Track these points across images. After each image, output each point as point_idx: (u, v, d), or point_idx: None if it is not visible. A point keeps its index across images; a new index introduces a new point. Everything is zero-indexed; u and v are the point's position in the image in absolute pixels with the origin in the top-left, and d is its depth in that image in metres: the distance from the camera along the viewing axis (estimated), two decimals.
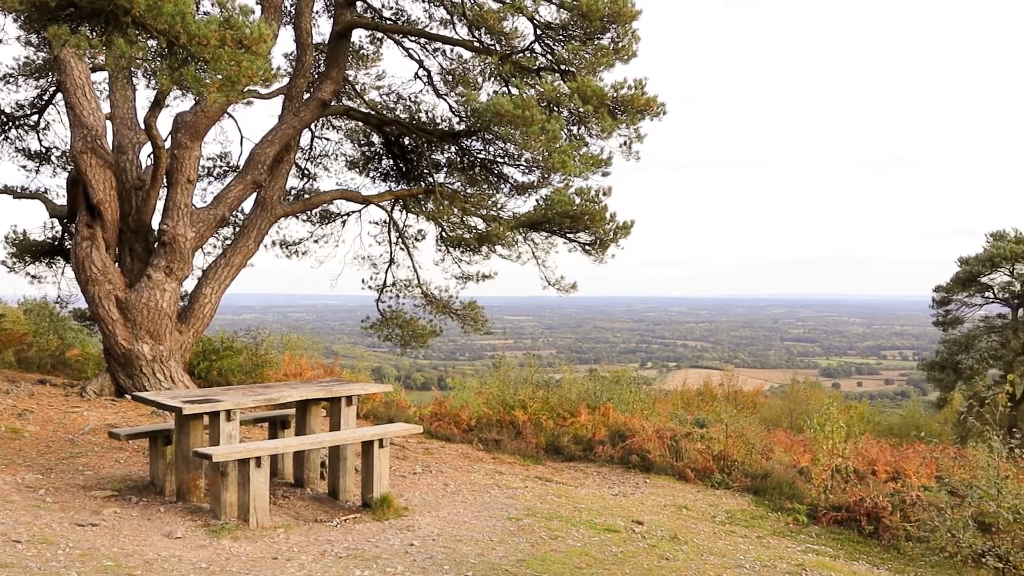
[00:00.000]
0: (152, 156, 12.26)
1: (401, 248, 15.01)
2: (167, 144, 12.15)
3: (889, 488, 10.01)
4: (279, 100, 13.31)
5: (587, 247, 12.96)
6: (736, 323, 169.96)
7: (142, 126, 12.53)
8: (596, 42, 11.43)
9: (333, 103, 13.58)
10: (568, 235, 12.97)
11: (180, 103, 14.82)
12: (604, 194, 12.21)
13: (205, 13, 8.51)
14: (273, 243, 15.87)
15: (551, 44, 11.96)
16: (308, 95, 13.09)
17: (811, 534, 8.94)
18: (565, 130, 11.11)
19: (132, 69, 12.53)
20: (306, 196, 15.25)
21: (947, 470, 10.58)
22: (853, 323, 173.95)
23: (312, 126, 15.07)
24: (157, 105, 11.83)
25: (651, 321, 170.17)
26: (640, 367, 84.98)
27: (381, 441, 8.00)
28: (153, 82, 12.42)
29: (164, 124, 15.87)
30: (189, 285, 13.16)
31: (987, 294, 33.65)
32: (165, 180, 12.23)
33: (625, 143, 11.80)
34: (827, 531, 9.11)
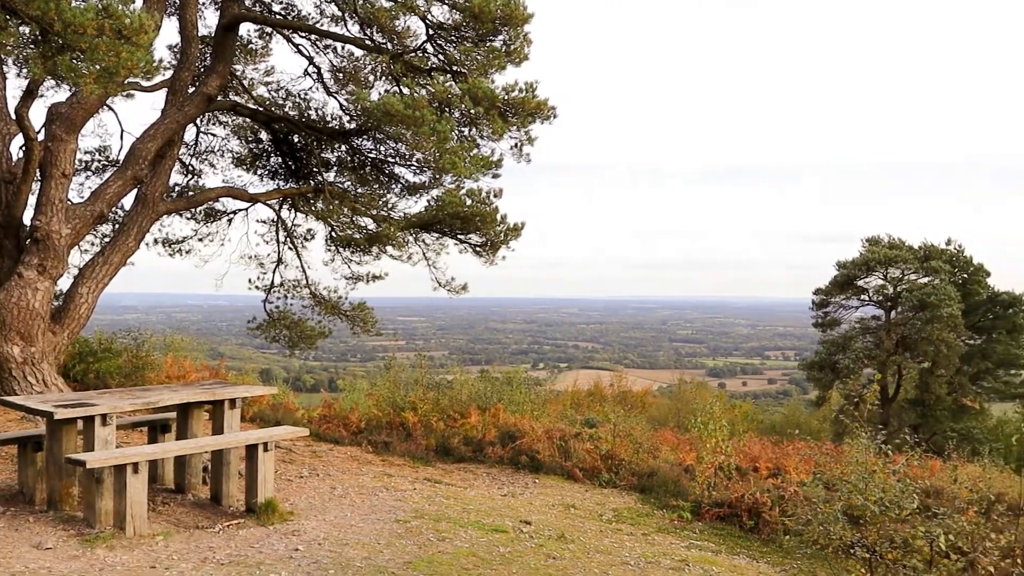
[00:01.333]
0: (24, 148, 11.69)
1: (289, 248, 14.73)
2: (40, 136, 11.61)
3: (770, 484, 10.34)
4: (162, 93, 12.87)
5: (478, 248, 12.98)
6: (626, 324, 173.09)
7: (13, 116, 11.93)
8: (488, 44, 11.46)
9: (219, 98, 13.22)
10: (459, 236, 12.98)
11: (55, 94, 14.20)
12: (495, 196, 12.27)
13: (83, 0, 8.16)
14: (155, 241, 15.36)
15: (443, 45, 11.94)
16: (193, 89, 12.70)
17: (695, 530, 9.15)
18: (456, 131, 11.10)
19: (2, 56, 11.93)
20: (190, 193, 14.81)
21: (824, 466, 10.99)
22: (739, 325, 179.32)
23: (197, 121, 14.64)
24: (30, 95, 11.29)
25: (543, 322, 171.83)
26: (532, 368, 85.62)
27: (266, 445, 7.83)
28: (25, 71, 11.86)
29: (38, 115, 15.16)
30: (65, 284, 12.61)
31: (863, 297, 35.21)
32: (38, 174, 11.67)
33: (516, 145, 11.86)
34: (710, 527, 9.34)
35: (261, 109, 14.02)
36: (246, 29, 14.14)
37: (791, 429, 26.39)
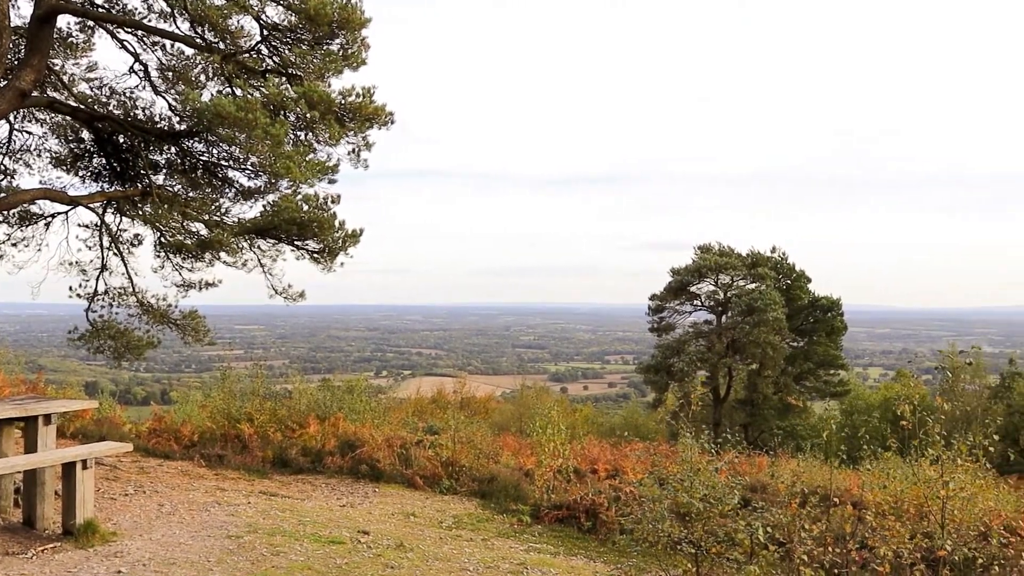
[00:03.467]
0: None
1: (115, 253, 13.95)
2: None
3: (607, 485, 10.59)
4: None
5: (316, 255, 12.67)
6: (469, 331, 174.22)
7: None
8: (325, 47, 11.23)
9: (35, 94, 12.39)
10: (296, 242, 12.62)
11: None
12: (333, 201, 12.00)
13: None
14: None
15: (278, 46, 11.61)
16: (5, 83, 11.88)
17: (534, 533, 9.26)
18: (291, 135, 10.82)
19: None
20: (3, 195, 13.80)
21: (659, 465, 11.34)
22: (580, 330, 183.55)
23: (10, 118, 13.67)
24: None
25: (386, 329, 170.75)
26: (375, 376, 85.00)
27: (85, 462, 7.39)
28: None
29: None
30: None
31: (695, 302, 36.65)
32: None
33: (354, 151, 11.66)
34: (549, 529, 9.47)
35: (83, 107, 13.23)
36: (65, 21, 13.30)
37: (630, 430, 27.20)
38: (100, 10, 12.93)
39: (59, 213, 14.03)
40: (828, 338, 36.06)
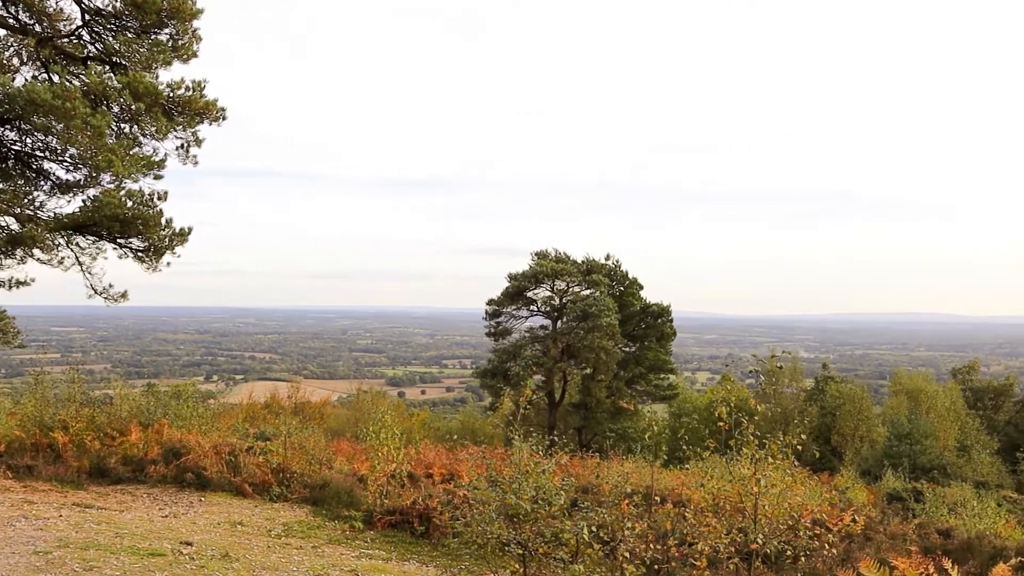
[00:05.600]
0: None
1: None
2: None
3: (442, 489, 10.58)
4: None
5: (140, 254, 12.10)
6: (306, 334, 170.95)
7: None
8: (153, 36, 10.76)
9: None
10: (119, 240, 12.02)
11: None
12: (159, 198, 11.50)
13: None
14: None
15: (102, 33, 11.03)
16: None
17: (367, 539, 9.13)
18: (114, 127, 10.30)
19: None
20: None
21: (494, 469, 11.43)
22: (418, 334, 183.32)
23: None
24: None
25: (218, 332, 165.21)
26: (205, 380, 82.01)
27: None
28: None
29: None
30: None
31: (532, 307, 37.13)
32: None
33: (182, 146, 11.22)
34: (382, 535, 9.36)
35: None
36: None
37: (467, 435, 27.33)
38: None
39: None
40: (658, 343, 37.27)
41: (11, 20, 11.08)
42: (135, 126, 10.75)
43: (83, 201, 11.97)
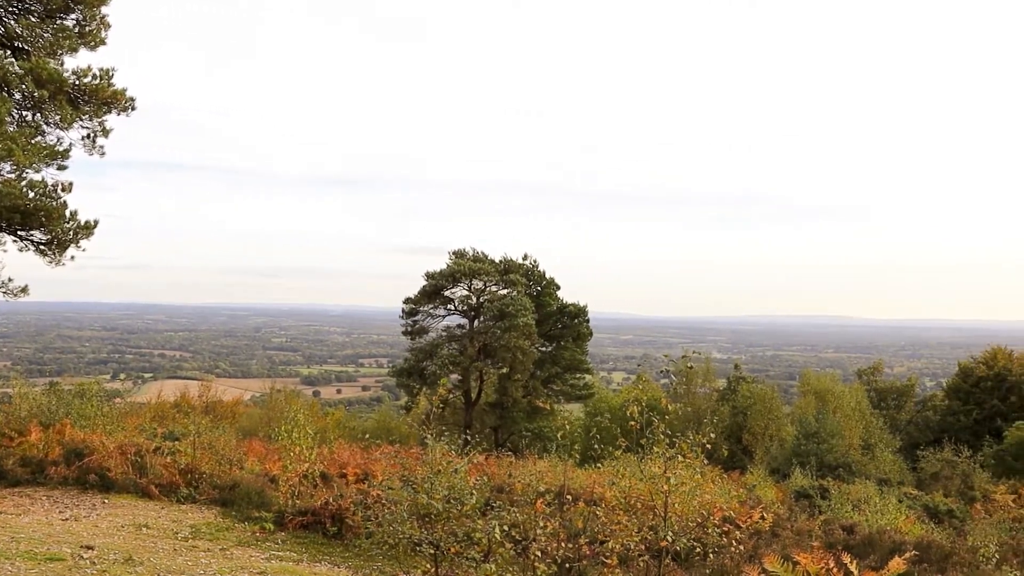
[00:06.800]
0: None
1: None
2: None
3: (355, 489, 10.46)
4: None
5: (42, 247, 11.66)
6: (217, 332, 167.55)
7: None
8: (58, 21, 10.37)
9: None
10: (19, 232, 11.55)
11: None
12: (63, 189, 11.09)
13: None
14: None
15: (3, 16, 10.59)
16: None
17: (277, 541, 8.99)
18: (15, 114, 9.90)
19: None
20: None
21: (409, 469, 11.35)
22: (334, 333, 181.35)
23: None
24: None
25: (126, 329, 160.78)
26: (112, 379, 79.74)
27: None
28: None
29: None
30: None
31: (449, 306, 37.04)
32: None
33: (89, 136, 10.84)
34: (293, 536, 9.22)
35: None
36: None
37: (383, 434, 27.11)
38: None
39: None
40: (575, 343, 37.62)
41: None
42: (38, 114, 10.36)
43: None
